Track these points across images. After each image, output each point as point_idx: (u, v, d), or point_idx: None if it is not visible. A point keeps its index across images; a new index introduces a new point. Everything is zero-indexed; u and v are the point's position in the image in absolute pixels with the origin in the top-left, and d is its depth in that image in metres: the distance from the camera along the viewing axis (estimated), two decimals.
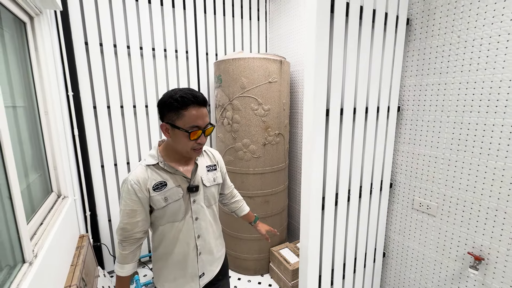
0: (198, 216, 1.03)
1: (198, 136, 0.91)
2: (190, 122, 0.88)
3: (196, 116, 0.88)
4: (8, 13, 1.19)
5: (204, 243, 1.06)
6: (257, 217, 1.35)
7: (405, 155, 1.50)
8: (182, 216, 1.00)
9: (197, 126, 0.90)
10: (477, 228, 1.23)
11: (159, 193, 0.94)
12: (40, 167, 1.42)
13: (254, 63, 1.88)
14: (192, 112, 0.88)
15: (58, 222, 1.32)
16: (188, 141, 0.90)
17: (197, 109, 0.89)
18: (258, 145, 2.00)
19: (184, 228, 1.01)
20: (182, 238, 1.01)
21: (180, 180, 0.98)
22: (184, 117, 0.88)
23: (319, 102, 1.14)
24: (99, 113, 2.00)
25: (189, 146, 0.92)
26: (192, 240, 1.03)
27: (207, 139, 1.11)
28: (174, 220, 0.99)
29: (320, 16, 1.07)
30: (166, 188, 0.95)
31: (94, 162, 2.04)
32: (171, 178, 0.97)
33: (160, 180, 0.95)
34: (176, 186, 0.97)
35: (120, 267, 0.98)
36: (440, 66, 1.30)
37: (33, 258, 0.99)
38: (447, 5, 1.24)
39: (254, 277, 2.23)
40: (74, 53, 1.85)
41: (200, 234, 1.05)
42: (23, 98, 1.29)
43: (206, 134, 0.94)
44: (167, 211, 0.97)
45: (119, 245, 0.98)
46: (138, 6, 2.03)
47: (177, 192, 0.97)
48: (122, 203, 0.95)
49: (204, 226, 1.06)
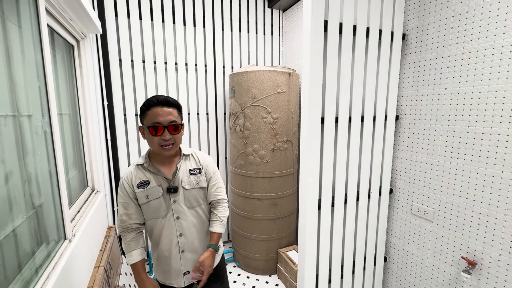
0: (179, 215, 1.11)
1: (161, 132, 1.00)
2: (151, 119, 1.00)
3: (156, 114, 0.99)
4: (60, 38, 1.48)
5: (186, 241, 1.13)
6: (215, 247, 1.15)
7: (404, 162, 1.57)
8: (164, 214, 1.10)
9: (158, 122, 1.00)
10: (471, 233, 1.26)
11: (142, 190, 1.06)
12: (79, 165, 1.69)
13: (263, 76, 2.05)
14: (153, 112, 1.00)
15: (91, 212, 1.56)
16: (152, 137, 1.01)
17: (158, 109, 1.00)
18: (267, 151, 2.15)
19: (167, 225, 1.10)
20: (165, 234, 1.11)
21: (161, 180, 1.09)
22: (147, 116, 1.01)
23: (314, 111, 1.27)
24: (128, 120, 2.28)
25: (156, 142, 1.02)
26: (174, 237, 1.11)
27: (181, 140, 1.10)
28: (157, 216, 1.10)
29: (314, 34, 1.21)
30: (148, 186, 1.07)
31: (122, 163, 2.31)
32: (153, 178, 1.08)
33: (144, 179, 1.07)
34: (157, 186, 1.08)
35: (128, 256, 1.09)
36: (433, 77, 1.37)
37: (72, 237, 1.22)
38: (438, 21, 1.33)
39: (262, 277, 2.34)
40: (110, 69, 2.16)
41: (182, 232, 1.12)
42: (68, 107, 1.57)
43: (172, 131, 1.02)
44: (149, 208, 1.08)
45: (122, 236, 1.10)
46: (164, 27, 2.31)
47: (157, 191, 1.07)
48: (118, 197, 1.10)
49: (185, 226, 1.13)
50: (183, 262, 1.14)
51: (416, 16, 1.43)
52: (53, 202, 1.12)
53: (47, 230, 1.05)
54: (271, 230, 2.27)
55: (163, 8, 2.28)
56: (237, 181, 2.31)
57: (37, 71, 1.04)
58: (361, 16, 1.34)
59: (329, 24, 1.26)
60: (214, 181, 1.21)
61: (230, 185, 2.49)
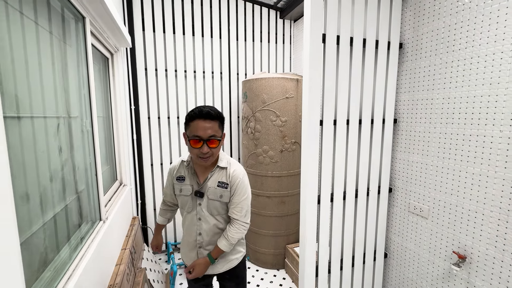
0: (201, 217, 1.20)
1: (200, 145, 1.05)
2: (193, 131, 1.06)
3: (197, 128, 1.04)
4: (98, 53, 1.75)
5: (203, 240, 1.22)
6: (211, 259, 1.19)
7: (402, 163, 1.66)
8: (190, 210, 1.21)
9: (198, 136, 1.04)
10: (461, 229, 1.34)
11: (178, 183, 1.21)
12: (110, 160, 1.95)
13: (273, 82, 2.23)
14: (195, 124, 1.05)
15: (119, 201, 1.80)
16: (192, 148, 1.07)
17: (200, 122, 1.04)
18: (276, 152, 2.31)
19: (190, 221, 1.22)
20: (188, 227, 1.24)
21: (193, 182, 1.19)
22: (190, 128, 1.07)
23: (313, 114, 1.42)
24: (152, 122, 2.55)
25: (195, 153, 1.08)
26: (194, 233, 1.22)
27: (220, 149, 1.19)
28: (183, 209, 1.24)
29: (312, 46, 1.37)
30: (183, 182, 1.20)
31: (145, 161, 2.57)
32: (189, 177, 1.19)
33: (182, 175, 1.21)
34: (189, 185, 1.19)
35: (158, 216, 1.45)
36: (427, 83, 1.48)
37: (105, 219, 1.45)
38: (431, 32, 1.44)
39: (270, 271, 2.48)
40: (137, 77, 2.44)
41: (201, 232, 1.21)
42: (103, 110, 1.84)
43: (211, 145, 1.07)
44: (179, 200, 1.24)
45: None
46: (184, 39, 2.56)
47: (188, 189, 1.19)
48: (166, 177, 1.34)
49: (205, 228, 1.20)
50: (199, 256, 1.25)
51: (412, 27, 1.55)
52: (91, 188, 1.35)
53: (87, 211, 1.29)
54: (279, 226, 2.42)
55: (184, 22, 2.54)
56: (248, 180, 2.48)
57: (83, 82, 1.29)
58: (358, 29, 1.48)
59: (327, 37, 1.41)
60: (235, 200, 1.17)
61: None
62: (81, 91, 1.28)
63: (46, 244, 0.88)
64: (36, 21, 0.88)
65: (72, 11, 1.20)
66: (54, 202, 0.94)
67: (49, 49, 0.98)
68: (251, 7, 2.78)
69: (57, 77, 1.03)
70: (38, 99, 0.87)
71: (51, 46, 1.00)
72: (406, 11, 1.57)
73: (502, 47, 1.14)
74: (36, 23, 0.89)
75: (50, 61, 0.98)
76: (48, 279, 0.84)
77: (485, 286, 1.25)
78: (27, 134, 0.79)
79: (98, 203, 1.40)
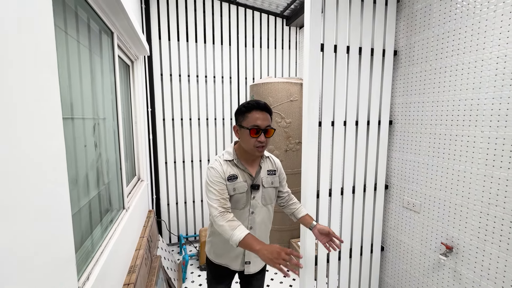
0: (254, 210, 1.20)
1: (258, 134, 1.09)
2: (251, 122, 1.09)
3: (256, 118, 1.09)
4: (121, 61, 1.97)
5: (254, 234, 1.19)
6: (315, 222, 1.27)
7: (397, 161, 1.79)
8: (242, 206, 1.18)
9: (257, 125, 1.09)
10: (449, 222, 1.46)
11: (231, 183, 1.14)
12: (130, 157, 2.16)
13: (278, 86, 2.39)
14: (253, 115, 1.09)
15: (138, 194, 2.00)
16: (250, 138, 1.09)
17: (258, 113, 1.10)
18: (280, 151, 2.46)
19: (241, 217, 1.18)
20: None
21: (247, 177, 1.18)
22: (247, 118, 1.10)
23: (312, 115, 1.57)
24: (166, 123, 2.76)
25: (251, 143, 1.10)
26: None
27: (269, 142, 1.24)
28: (235, 207, 1.17)
29: (312, 54, 1.53)
30: (236, 180, 1.15)
31: (160, 159, 2.78)
32: (240, 174, 1.17)
33: (233, 173, 1.15)
34: (243, 181, 1.16)
35: (238, 230, 1.02)
36: (419, 88, 1.60)
37: (128, 208, 1.65)
38: (422, 40, 1.56)
39: None
40: (153, 82, 2.65)
41: (252, 226, 1.21)
42: (125, 112, 2.05)
43: (267, 135, 1.11)
44: (232, 199, 1.15)
45: (220, 219, 1.06)
46: (197, 46, 2.77)
47: (243, 186, 1.16)
48: (211, 185, 1.11)
49: (257, 221, 1.21)
50: (246, 252, 1.23)
51: (405, 36, 1.68)
52: (117, 180, 1.55)
53: (114, 199, 1.49)
54: (284, 221, 2.56)
55: (196, 30, 2.74)
56: None
57: (111, 88, 1.49)
58: (354, 38, 1.63)
59: (325, 46, 1.56)
60: (284, 181, 1.34)
61: None
62: (110, 96, 1.48)
63: (87, 221, 1.07)
64: (78, 40, 1.08)
65: (103, 28, 1.40)
66: (91, 188, 1.14)
67: (88, 62, 1.18)
68: (259, 15, 2.95)
69: (93, 84, 1.23)
70: (80, 104, 1.07)
71: (90, 59, 1.20)
72: (400, 21, 1.70)
73: (483, 56, 1.26)
74: (78, 41, 1.09)
75: (89, 71, 1.18)
76: (87, 249, 1.03)
77: (469, 274, 1.36)
78: (75, 132, 0.98)
79: (122, 193, 1.60)
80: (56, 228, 0.70)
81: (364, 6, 1.63)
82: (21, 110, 0.56)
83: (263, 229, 1.25)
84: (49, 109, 0.67)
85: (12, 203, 0.52)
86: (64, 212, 0.74)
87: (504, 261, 1.21)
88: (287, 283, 2.34)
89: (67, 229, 0.76)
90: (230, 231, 1.03)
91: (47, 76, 0.67)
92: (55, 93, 0.70)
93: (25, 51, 0.58)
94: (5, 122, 0.50)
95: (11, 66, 0.53)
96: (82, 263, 0.97)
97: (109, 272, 1.15)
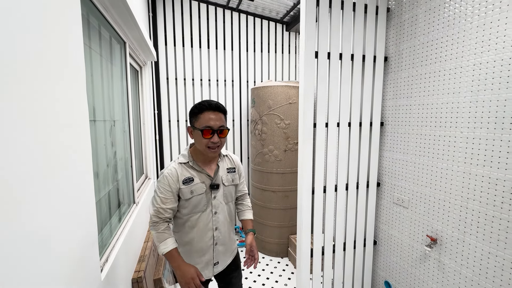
0: (217, 210, 1.21)
1: (211, 135, 1.10)
2: (204, 122, 1.09)
3: (208, 118, 1.09)
4: (132, 67, 2.12)
5: (220, 234, 1.23)
6: (253, 231, 1.34)
7: (388, 160, 1.90)
8: (204, 209, 1.17)
9: (209, 126, 1.09)
10: (433, 216, 1.57)
11: (187, 186, 1.12)
12: (139, 156, 2.31)
13: (277, 89, 2.52)
14: (205, 115, 1.09)
15: (146, 191, 2.15)
16: (202, 139, 1.10)
17: (210, 113, 1.09)
18: (280, 151, 2.59)
19: (204, 220, 1.18)
20: (201, 228, 1.18)
21: (204, 178, 1.17)
22: (199, 120, 1.10)
23: (307, 117, 1.70)
24: (172, 125, 2.91)
25: (204, 144, 1.11)
26: (210, 231, 1.20)
27: (225, 143, 1.25)
28: (196, 211, 1.16)
29: (307, 61, 1.66)
30: (193, 183, 1.14)
31: (166, 158, 2.93)
32: (197, 175, 1.15)
33: (188, 176, 1.14)
34: (200, 182, 1.15)
35: (163, 244, 1.09)
36: (407, 91, 1.72)
37: (138, 203, 1.80)
38: (409, 48, 1.69)
39: (275, 258, 2.75)
40: (160, 85, 2.81)
41: (218, 226, 1.22)
42: (134, 114, 2.20)
43: (221, 135, 1.12)
44: (191, 203, 1.15)
45: (152, 227, 1.11)
46: (201, 51, 2.92)
47: (201, 187, 1.15)
48: (157, 191, 1.12)
49: (221, 220, 1.23)
50: (215, 254, 1.25)
51: (394, 43, 1.80)
52: (129, 176, 1.70)
53: (126, 193, 1.63)
54: (283, 218, 2.69)
55: (200, 36, 2.89)
56: (256, 176, 2.79)
57: (123, 92, 1.64)
58: (346, 46, 1.76)
59: (319, 53, 1.69)
60: (242, 178, 1.38)
61: (251, 180, 2.97)
62: (122, 100, 1.63)
63: (105, 211, 1.21)
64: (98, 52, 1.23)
65: (117, 38, 1.55)
66: (109, 181, 1.28)
67: (106, 70, 1.33)
68: (260, 22, 3.09)
69: (110, 90, 1.38)
70: (100, 108, 1.21)
71: (107, 68, 1.35)
72: (390, 30, 1.83)
73: (461, 63, 1.38)
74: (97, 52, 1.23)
75: (106, 78, 1.33)
76: (106, 235, 1.17)
77: (451, 263, 1.47)
78: (97, 132, 1.13)
79: (132, 188, 1.74)
80: (84, 212, 0.84)
81: (356, 16, 1.76)
82: (63, 116, 0.70)
83: (227, 227, 1.26)
84: (80, 114, 0.82)
85: (51, 190, 0.67)
86: (89, 200, 0.89)
87: (481, 251, 1.32)
88: (286, 277, 2.47)
89: (92, 213, 0.91)
90: (157, 243, 1.10)
91: (78, 87, 0.81)
92: (84, 101, 0.85)
93: (63, 70, 0.72)
94: (50, 125, 0.65)
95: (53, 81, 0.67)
96: (101, 247, 1.11)
97: (123, 258, 1.29)
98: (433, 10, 1.52)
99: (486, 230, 1.30)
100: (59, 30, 0.69)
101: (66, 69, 0.73)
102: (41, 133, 0.59)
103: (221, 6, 2.92)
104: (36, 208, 0.57)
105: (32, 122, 0.56)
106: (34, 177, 0.56)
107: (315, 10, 1.64)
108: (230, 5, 2.92)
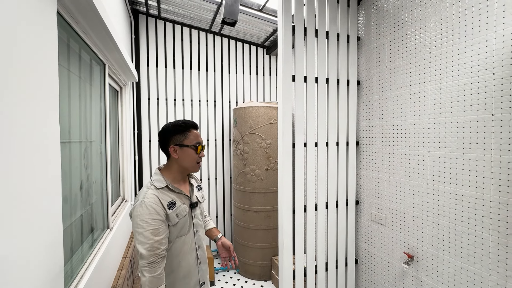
0: (197, 229, 1.21)
1: (202, 150, 1.19)
2: (194, 139, 1.15)
3: (196, 135, 1.17)
4: (111, 88, 2.11)
5: (202, 253, 1.23)
6: (220, 235, 1.37)
7: (365, 178, 1.97)
8: (187, 230, 1.16)
9: (199, 142, 1.17)
10: (409, 232, 1.62)
11: (172, 210, 1.08)
12: (115, 178, 2.23)
13: (259, 110, 2.59)
14: (193, 132, 1.16)
15: (122, 215, 2.06)
16: (195, 155, 1.15)
17: (194, 130, 1.18)
18: (262, 170, 2.61)
19: (188, 241, 1.16)
20: (187, 250, 1.15)
21: (184, 199, 1.16)
22: (189, 137, 1.14)
23: (286, 138, 1.75)
24: (152, 145, 2.86)
25: (195, 160, 1.16)
26: (194, 251, 1.19)
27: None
28: (182, 234, 1.13)
29: (285, 84, 1.73)
30: (176, 206, 1.10)
31: (145, 178, 2.84)
32: (177, 197, 1.13)
33: (170, 200, 1.09)
34: (182, 204, 1.14)
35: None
36: (378, 113, 1.83)
37: (112, 228, 1.71)
38: (379, 73, 1.82)
39: (258, 282, 2.66)
40: (141, 106, 2.79)
41: (200, 245, 1.22)
42: (112, 135, 2.15)
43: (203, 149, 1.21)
44: (177, 227, 1.11)
45: (148, 270, 0.97)
46: (183, 72, 2.96)
47: (184, 209, 1.14)
48: (143, 225, 0.98)
49: (202, 238, 1.25)
50: (200, 273, 1.22)
51: (365, 68, 1.94)
52: (103, 200, 1.63)
53: (99, 218, 1.56)
54: (266, 239, 2.65)
55: (183, 58, 2.95)
56: (238, 196, 2.76)
57: (101, 113, 1.62)
58: (321, 70, 1.86)
59: (296, 77, 1.78)
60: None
61: (233, 200, 2.94)
62: (100, 120, 1.60)
63: (73, 237, 1.14)
64: (75, 73, 1.23)
65: (96, 60, 1.56)
66: (81, 205, 1.22)
67: (82, 90, 1.31)
68: (242, 45, 3.22)
69: (86, 111, 1.35)
70: (76, 129, 1.19)
71: (85, 89, 1.34)
72: (361, 56, 1.97)
73: (424, 88, 1.50)
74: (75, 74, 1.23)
75: (82, 98, 1.31)
76: (73, 265, 1.10)
77: (428, 280, 1.50)
78: (71, 154, 1.09)
79: (107, 212, 1.66)
80: (49, 240, 0.79)
81: (329, 44, 1.89)
82: (31, 139, 0.68)
83: (204, 244, 1.28)
84: (51, 136, 0.80)
85: (14, 215, 0.63)
86: (55, 226, 0.84)
87: (454, 266, 1.37)
88: None
89: (58, 242, 0.86)
90: (159, 284, 0.99)
91: (50, 109, 0.80)
92: (55, 123, 0.83)
93: (35, 93, 0.71)
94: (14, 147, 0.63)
95: (24, 103, 0.66)
96: (68, 277, 1.04)
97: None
98: (397, 40, 1.67)
99: (457, 245, 1.35)
100: (31, 53, 0.70)
101: (39, 92, 0.73)
102: (2, 157, 0.57)
103: (204, 30, 3.03)
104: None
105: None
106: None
107: (292, 38, 1.75)
108: (212, 29, 3.03)
